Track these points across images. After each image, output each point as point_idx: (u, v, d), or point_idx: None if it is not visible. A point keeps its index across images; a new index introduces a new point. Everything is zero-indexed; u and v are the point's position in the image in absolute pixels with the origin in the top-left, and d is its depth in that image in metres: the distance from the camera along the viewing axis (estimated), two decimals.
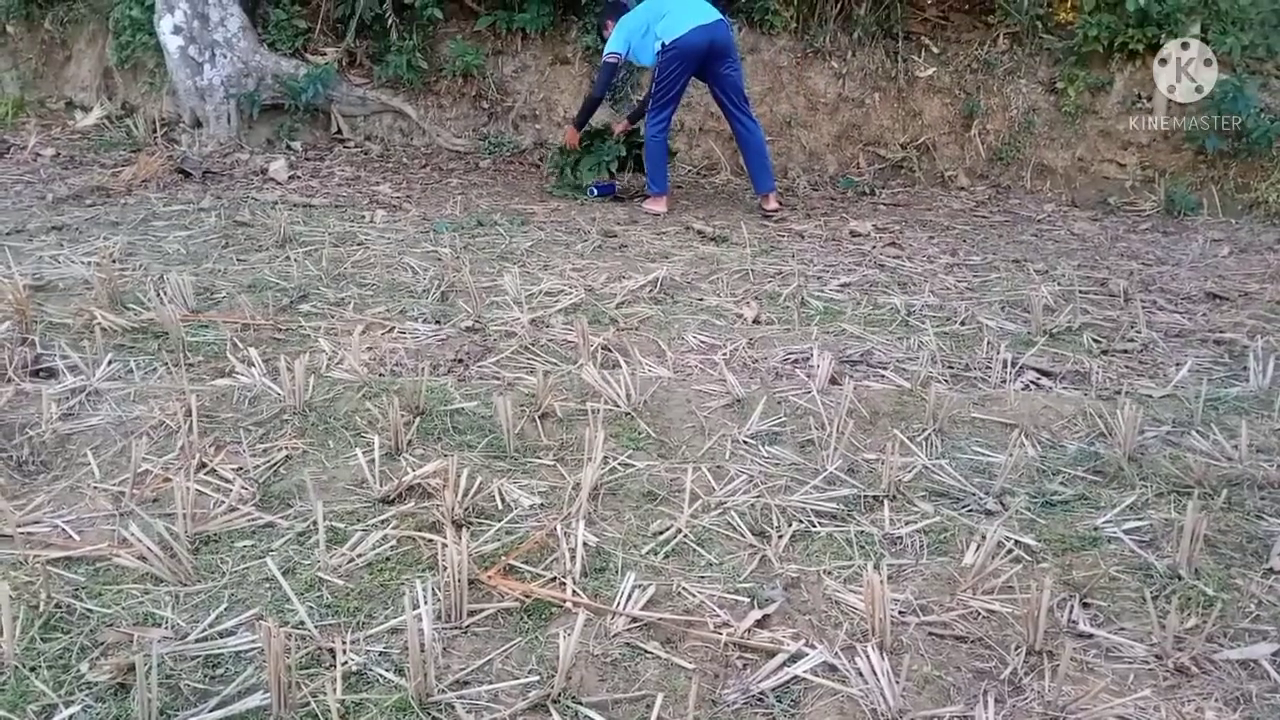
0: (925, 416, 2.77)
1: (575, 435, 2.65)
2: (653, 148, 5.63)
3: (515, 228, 5.00)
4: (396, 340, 3.28)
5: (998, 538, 2.16)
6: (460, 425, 2.68)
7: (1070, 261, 4.79)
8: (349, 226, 4.82)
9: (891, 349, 3.41)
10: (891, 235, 5.27)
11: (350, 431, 2.61)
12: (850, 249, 4.91)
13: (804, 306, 3.88)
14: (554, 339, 3.37)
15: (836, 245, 5.00)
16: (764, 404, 2.81)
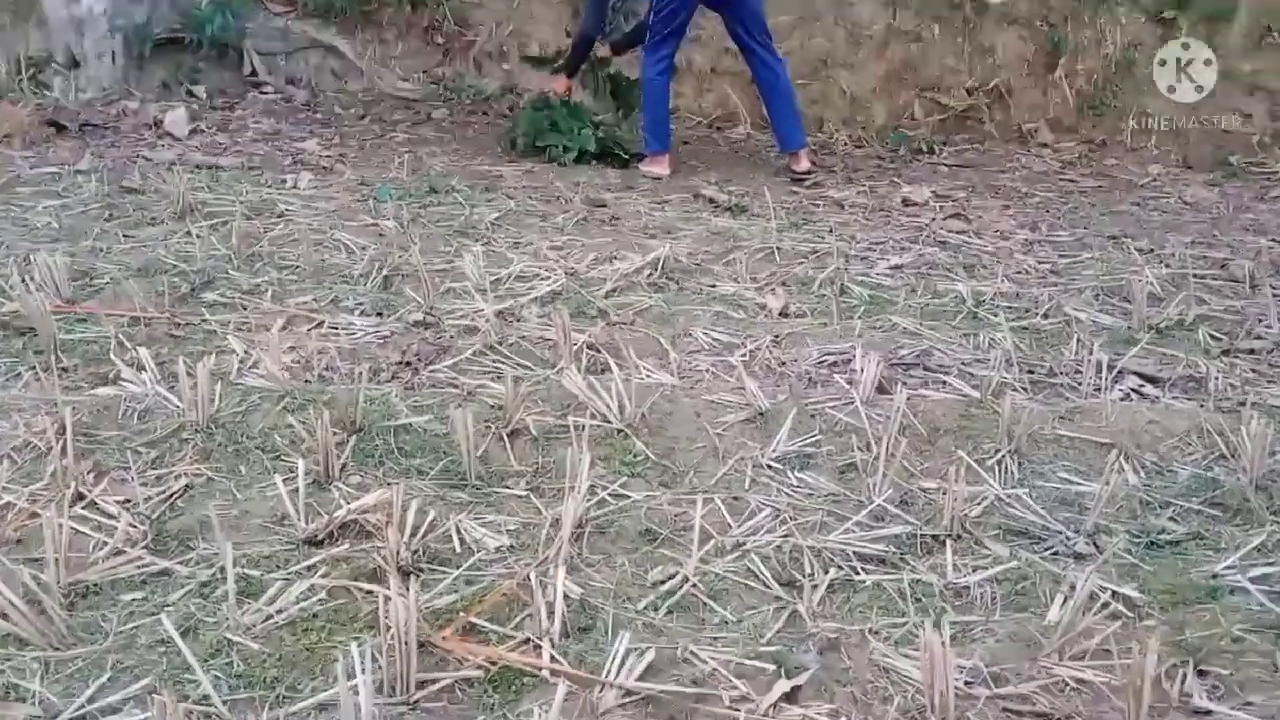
0: (998, 434, 2.77)
1: (554, 458, 2.64)
2: (652, 93, 5.64)
3: (477, 195, 5.01)
4: (326, 338, 3.27)
5: (1090, 588, 2.16)
6: (408, 446, 2.67)
7: (1182, 237, 4.80)
8: (266, 194, 4.82)
9: (955, 349, 3.41)
10: (955, 204, 5.27)
11: (268, 454, 2.60)
12: (903, 222, 4.91)
13: (844, 295, 3.88)
14: (527, 336, 3.36)
15: (885, 217, 5.00)
16: (793, 418, 2.81)
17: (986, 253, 4.46)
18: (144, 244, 4.04)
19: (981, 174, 6.10)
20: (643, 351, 3.28)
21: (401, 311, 3.52)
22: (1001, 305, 3.82)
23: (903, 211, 5.11)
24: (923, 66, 7.05)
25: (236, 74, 7.01)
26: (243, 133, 6.05)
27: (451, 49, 7.17)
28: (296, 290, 3.67)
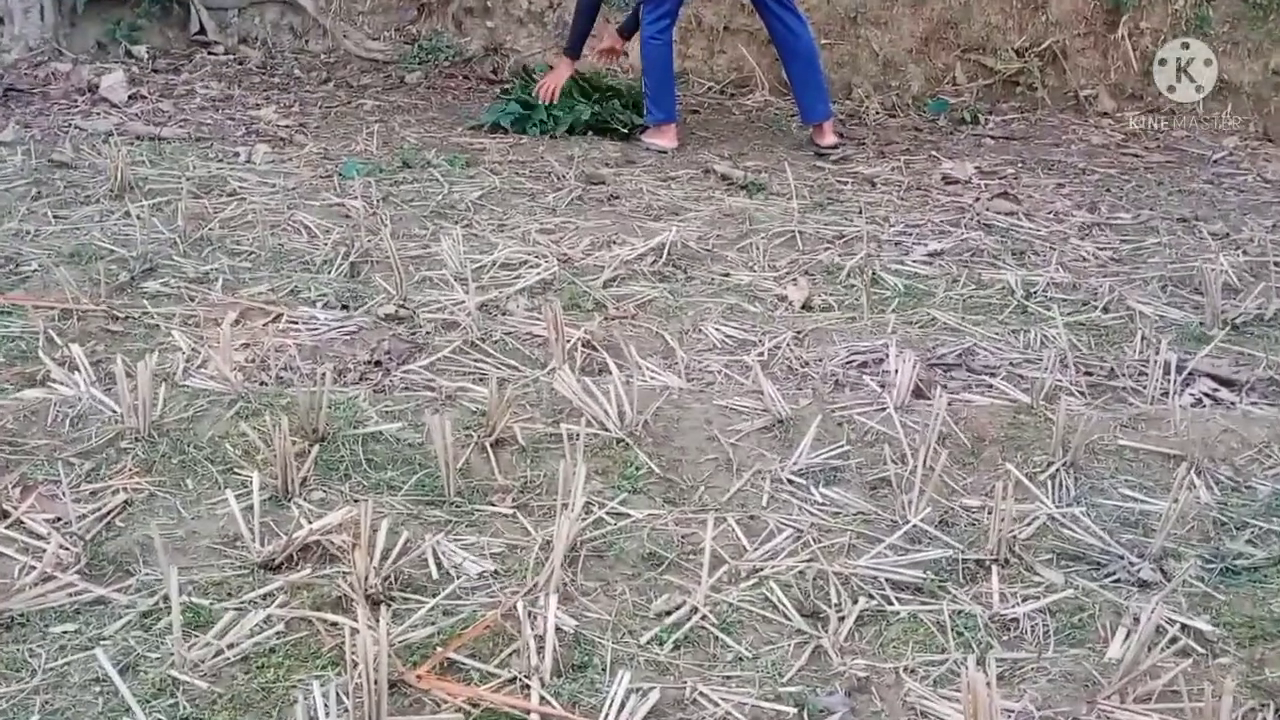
0: (1052, 445, 2.77)
1: (544, 471, 2.65)
2: (652, 56, 5.63)
3: (458, 170, 5.01)
4: (285, 334, 3.28)
5: (1157, 621, 2.16)
6: (378, 457, 2.68)
7: (1262, 220, 4.80)
8: (216, 169, 4.83)
9: (1002, 347, 3.41)
10: (1002, 182, 5.28)
11: (218, 466, 2.61)
12: (943, 201, 4.92)
13: (876, 285, 3.89)
14: (514, 332, 3.37)
15: (923, 196, 5.00)
16: (818, 426, 2.81)
17: (1038, 237, 4.46)
18: (77, 226, 4.04)
19: (1032, 147, 6.10)
20: (646, 350, 3.29)
21: (370, 304, 3.52)
22: (1055, 297, 3.83)
23: (942, 190, 5.11)
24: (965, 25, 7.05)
25: (182, 32, 7.02)
26: (189, 99, 6.05)
27: (428, 3, 7.17)
28: (251, 279, 3.68)
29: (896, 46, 7.05)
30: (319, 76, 6.71)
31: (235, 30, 7.07)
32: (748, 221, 4.48)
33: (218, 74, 6.57)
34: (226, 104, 6.01)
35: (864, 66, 7.04)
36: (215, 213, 4.23)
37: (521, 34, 7.12)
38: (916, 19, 7.05)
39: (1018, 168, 5.60)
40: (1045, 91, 6.93)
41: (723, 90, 6.96)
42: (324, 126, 5.73)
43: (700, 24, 7.03)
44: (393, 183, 4.79)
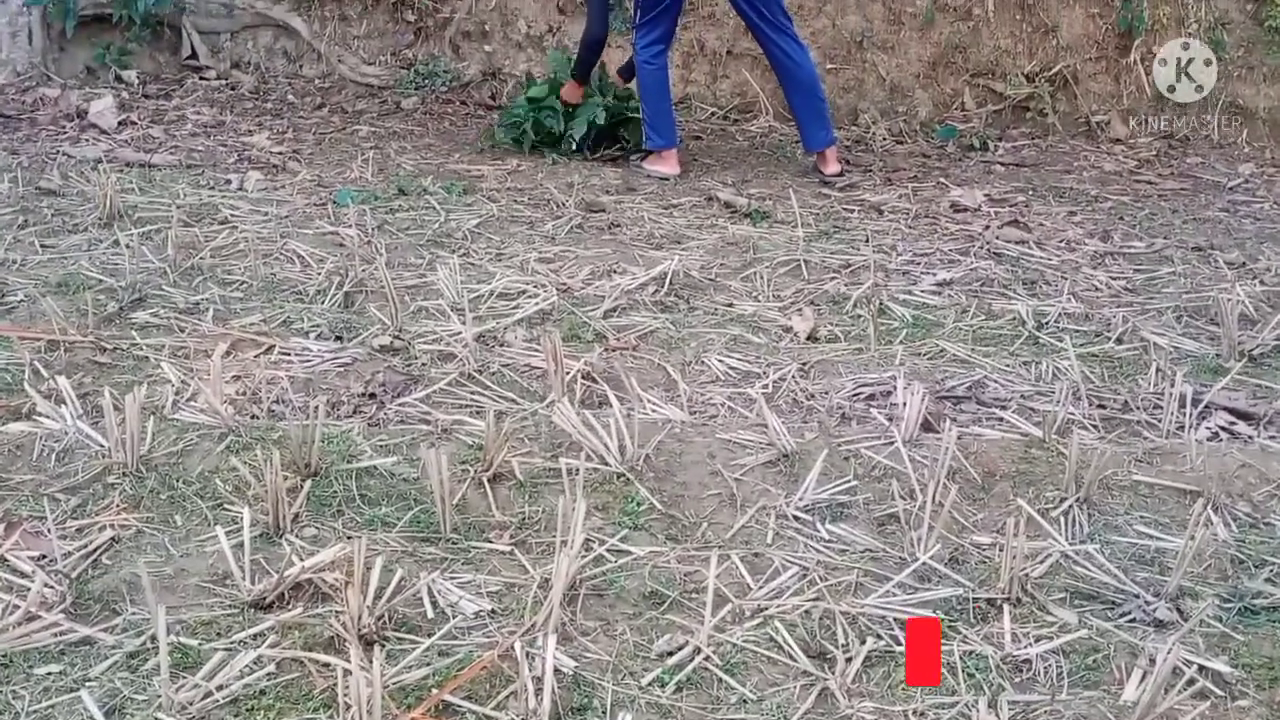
0: (1064, 480, 2.77)
1: (543, 507, 2.65)
2: (648, 82, 5.65)
3: (455, 198, 5.03)
4: (277, 366, 3.28)
5: (1173, 662, 2.15)
6: (372, 492, 2.68)
7: (1278, 249, 4.81)
8: (208, 196, 4.85)
9: (1013, 379, 3.41)
10: (1013, 209, 5.29)
11: (208, 501, 2.61)
12: (952, 230, 4.93)
13: (883, 315, 3.89)
14: (512, 364, 3.37)
15: (931, 224, 5.02)
16: (824, 461, 2.81)
17: (1050, 266, 4.47)
18: (64, 255, 4.05)
19: (1043, 174, 6.12)
20: (647, 382, 3.29)
21: (365, 335, 3.53)
22: (1068, 328, 3.83)
23: (951, 218, 5.13)
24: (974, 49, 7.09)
25: (173, 57, 7.06)
26: (180, 125, 6.08)
27: (424, 28, 7.21)
28: (242, 310, 3.68)
29: (904, 71, 7.08)
30: (313, 102, 6.74)
31: (228, 55, 7.12)
32: (752, 250, 4.50)
33: (209, 99, 6.60)
34: (218, 130, 6.04)
35: (871, 92, 7.07)
36: (206, 241, 4.24)
37: (520, 58, 7.15)
38: (924, 43, 7.08)
39: (1028, 195, 5.62)
40: (1056, 117, 6.96)
41: (726, 116, 6.99)
42: (318, 153, 5.75)
43: (703, 48, 7.06)
44: (388, 210, 4.80)
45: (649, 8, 5.52)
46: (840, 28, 7.07)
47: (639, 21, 5.58)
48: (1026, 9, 7.03)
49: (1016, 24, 7.06)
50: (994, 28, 7.06)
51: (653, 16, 5.53)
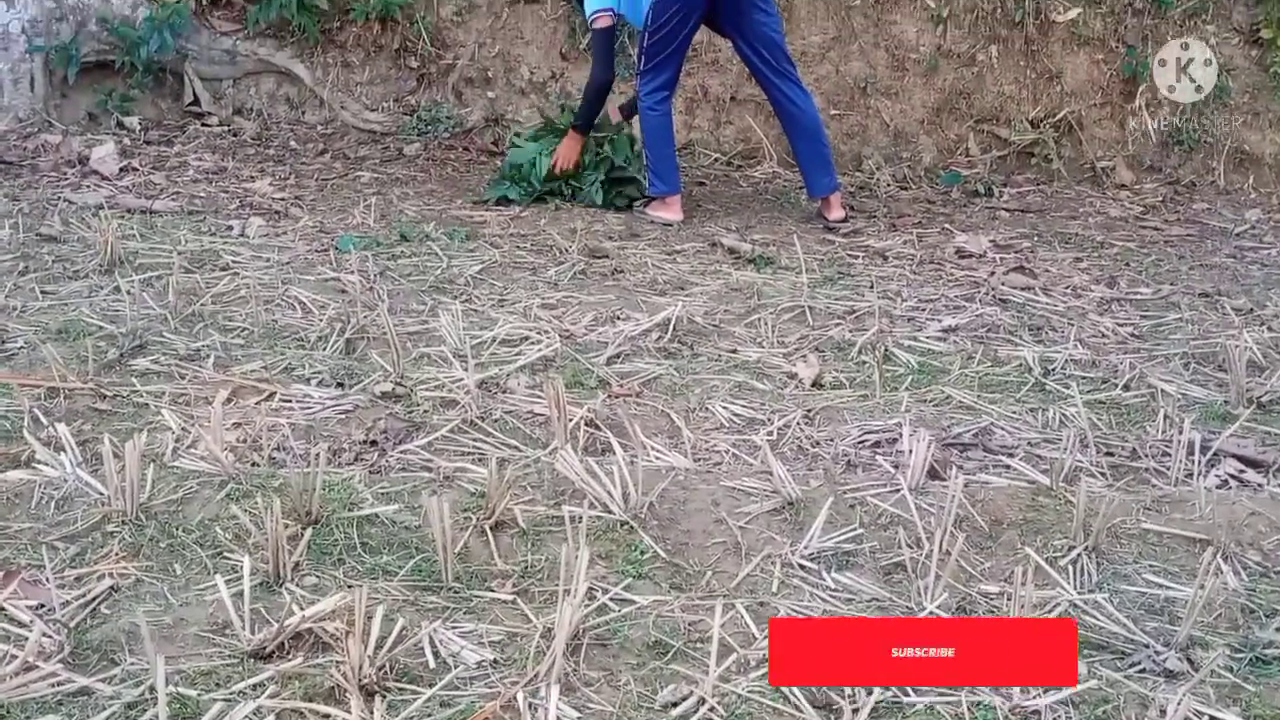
0: (1072, 528, 2.77)
1: (545, 556, 2.64)
2: (651, 127, 5.68)
3: (456, 244, 5.05)
4: (278, 413, 3.29)
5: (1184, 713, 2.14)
6: (373, 540, 2.67)
7: None
8: (209, 242, 4.86)
9: (1020, 426, 3.41)
10: (1018, 255, 5.30)
11: (207, 550, 2.60)
12: (957, 276, 4.94)
13: (888, 362, 3.90)
14: (514, 410, 3.37)
15: (936, 270, 5.03)
16: (830, 509, 2.81)
17: (1056, 313, 4.48)
18: (65, 301, 4.07)
19: (1048, 220, 6.14)
20: (651, 429, 3.29)
21: (366, 381, 3.53)
22: (1074, 375, 3.83)
23: (956, 264, 5.14)
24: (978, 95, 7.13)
25: (176, 103, 7.11)
26: (182, 171, 6.11)
27: (427, 74, 7.27)
28: (243, 356, 3.69)
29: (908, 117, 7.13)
30: (315, 148, 6.78)
31: (230, 101, 7.17)
32: (756, 296, 4.51)
33: (211, 146, 6.64)
34: (220, 176, 6.07)
35: (875, 138, 7.11)
36: (207, 288, 4.25)
37: (523, 104, 7.21)
38: (928, 89, 7.13)
39: (1034, 241, 5.64)
40: (1061, 163, 6.99)
41: (729, 162, 7.03)
42: (320, 199, 5.78)
43: (706, 94, 7.12)
44: (390, 257, 4.82)
45: (654, 54, 5.56)
46: (844, 74, 7.12)
47: (643, 67, 5.63)
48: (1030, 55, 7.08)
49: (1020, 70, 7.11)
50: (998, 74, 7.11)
51: (657, 62, 5.58)
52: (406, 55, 7.23)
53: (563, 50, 7.22)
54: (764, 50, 5.60)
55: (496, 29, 7.24)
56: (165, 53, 6.83)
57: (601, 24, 5.70)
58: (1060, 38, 7.07)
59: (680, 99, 6.94)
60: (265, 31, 7.12)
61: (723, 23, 5.66)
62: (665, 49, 5.55)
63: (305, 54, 7.18)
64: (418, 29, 7.16)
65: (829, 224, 5.70)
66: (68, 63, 6.73)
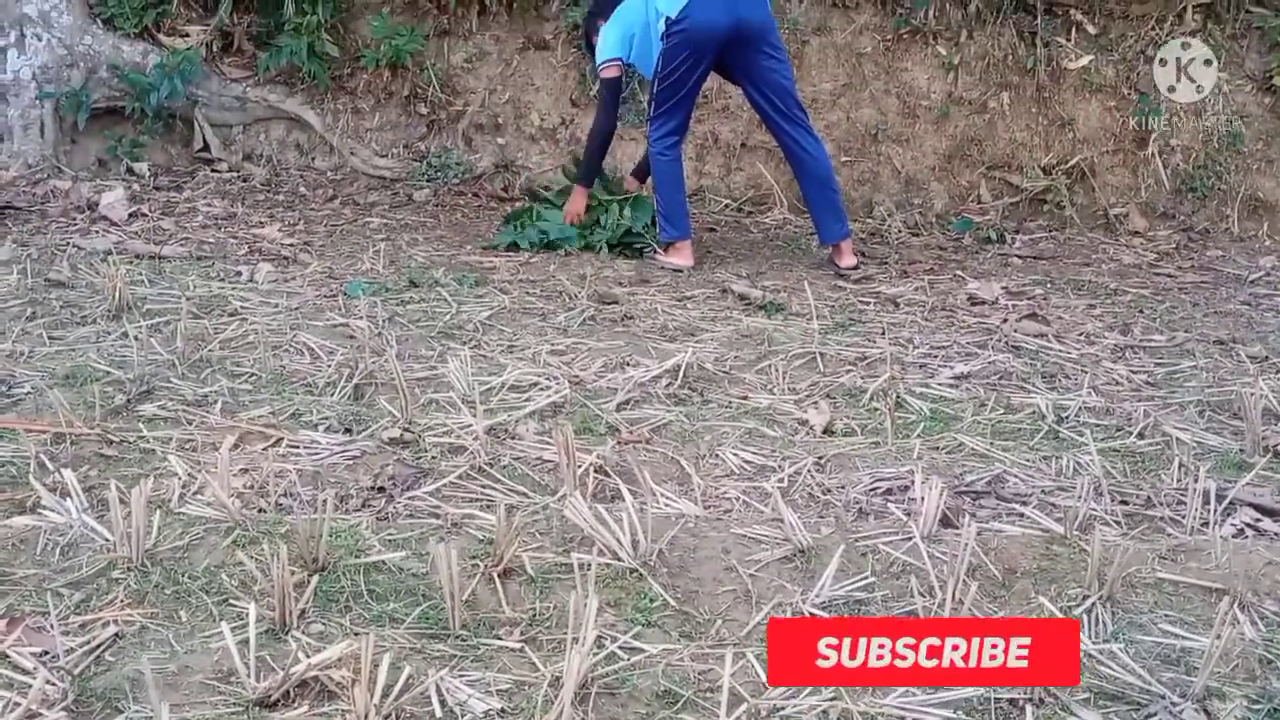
0: (1087, 577, 2.76)
1: (554, 603, 2.64)
2: (662, 172, 5.72)
3: (466, 290, 5.07)
4: (285, 459, 3.29)
5: None
6: (380, 588, 2.67)
7: None
8: (217, 288, 4.89)
9: (1033, 474, 3.40)
10: (1031, 302, 5.31)
11: (213, 597, 2.60)
12: (969, 323, 4.95)
13: (900, 409, 3.90)
14: (523, 457, 3.38)
15: (948, 317, 5.04)
16: (841, 557, 2.80)
17: (1069, 360, 4.48)
18: (72, 347, 4.09)
19: (1061, 267, 6.15)
20: (661, 475, 3.29)
21: (374, 427, 3.54)
22: (1088, 422, 3.83)
23: (968, 311, 5.15)
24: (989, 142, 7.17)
25: (185, 149, 7.17)
26: (191, 217, 6.15)
27: (437, 120, 7.32)
28: (251, 402, 3.70)
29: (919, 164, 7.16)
30: (325, 194, 6.83)
31: (240, 147, 7.23)
32: (766, 342, 4.51)
33: (221, 191, 6.69)
34: (229, 222, 6.11)
35: (886, 184, 7.14)
36: (215, 333, 4.27)
37: (533, 150, 7.26)
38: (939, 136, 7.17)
39: (1046, 288, 5.64)
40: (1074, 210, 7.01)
41: (740, 208, 7.06)
42: (329, 245, 5.81)
43: (717, 140, 7.16)
44: (399, 302, 4.84)
45: (664, 99, 5.60)
46: (855, 120, 7.16)
47: (654, 113, 5.67)
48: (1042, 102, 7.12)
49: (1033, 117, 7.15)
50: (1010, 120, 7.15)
51: (668, 108, 5.62)
52: (416, 102, 7.29)
53: (573, 97, 7.27)
54: (774, 96, 5.64)
55: (507, 76, 7.30)
56: (175, 99, 6.90)
57: (610, 74, 5.76)
58: (1072, 85, 7.12)
59: (691, 145, 6.99)
60: (275, 78, 7.19)
61: (732, 69, 5.70)
62: (675, 95, 5.59)
63: (315, 100, 7.24)
64: (428, 75, 7.22)
65: (840, 271, 5.72)
66: (78, 109, 6.80)
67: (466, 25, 7.30)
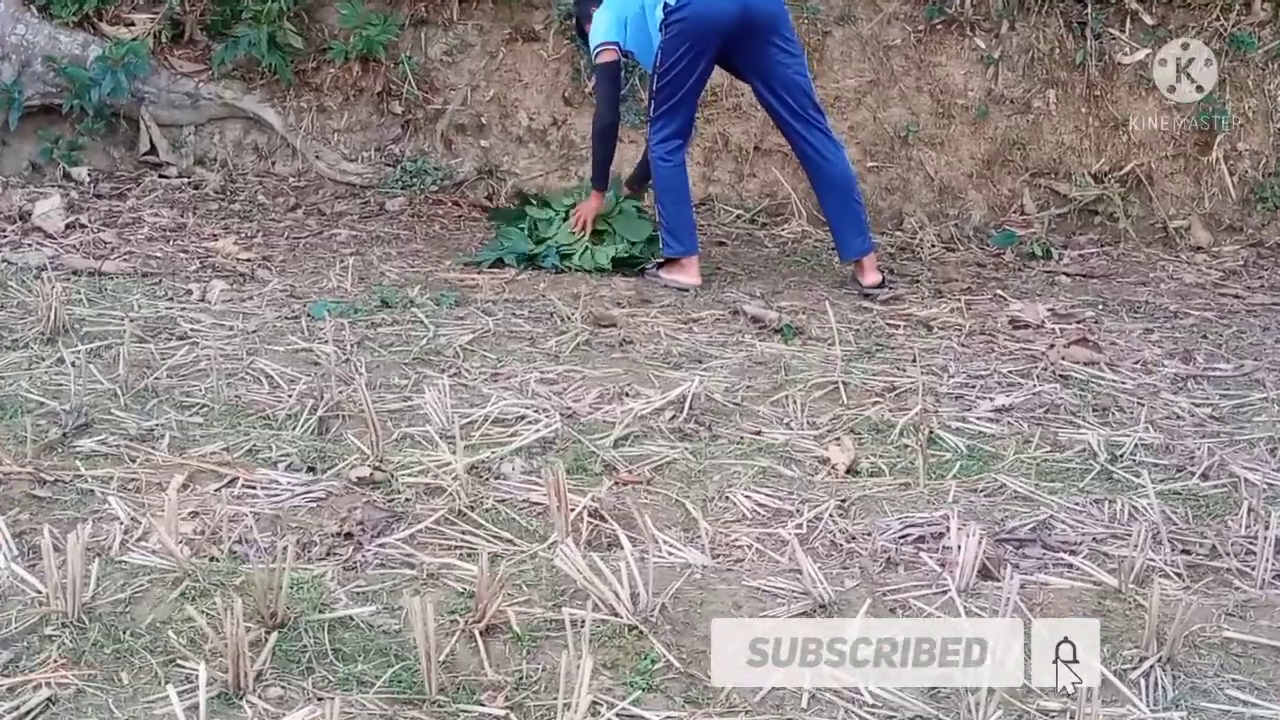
0: (1144, 637, 2.75)
1: (543, 665, 2.63)
2: (665, 179, 5.71)
3: (445, 311, 5.07)
4: (241, 501, 3.29)
5: None
6: (346, 647, 2.66)
7: None
8: (165, 309, 4.89)
9: (1084, 519, 3.40)
10: (1081, 326, 5.31)
11: (158, 656, 2.60)
12: (1011, 349, 4.94)
13: (934, 446, 3.89)
14: (508, 499, 3.37)
15: (988, 343, 5.04)
16: (867, 613, 2.80)
17: (1124, 391, 4.48)
18: (1, 374, 4.08)
19: (1115, 287, 6.15)
20: (663, 520, 3.29)
21: (341, 465, 3.54)
22: (1145, 461, 3.82)
23: (1010, 336, 5.15)
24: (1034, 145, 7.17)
25: (129, 152, 7.17)
26: (136, 229, 6.15)
27: (413, 120, 7.32)
28: (202, 437, 3.70)
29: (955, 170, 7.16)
30: (286, 203, 6.83)
31: (191, 150, 7.23)
32: (783, 371, 4.51)
33: (169, 200, 6.69)
34: (179, 234, 6.11)
35: (917, 193, 7.15)
36: (163, 359, 4.27)
37: (521, 154, 7.26)
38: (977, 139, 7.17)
39: (1098, 310, 5.64)
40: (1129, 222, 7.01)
41: (753, 219, 7.06)
42: (291, 260, 5.82)
43: (727, 144, 7.16)
44: (369, 325, 4.84)
45: (665, 98, 5.59)
46: (882, 121, 7.17)
47: (654, 113, 5.66)
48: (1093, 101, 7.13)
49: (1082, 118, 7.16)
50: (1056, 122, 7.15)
51: (669, 107, 5.60)
52: (390, 99, 7.30)
53: (566, 94, 7.28)
54: (787, 95, 5.61)
55: (491, 70, 7.31)
56: (119, 96, 6.89)
57: (605, 58, 5.74)
58: (1127, 82, 7.12)
59: (698, 149, 7.00)
60: (231, 73, 7.18)
61: (739, 64, 5.69)
62: (677, 92, 5.58)
63: (276, 98, 7.25)
64: (403, 70, 7.22)
65: (865, 290, 5.69)
66: (9, 106, 6.79)
67: (446, 14, 7.31)
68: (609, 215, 5.98)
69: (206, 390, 4.04)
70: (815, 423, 4.05)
